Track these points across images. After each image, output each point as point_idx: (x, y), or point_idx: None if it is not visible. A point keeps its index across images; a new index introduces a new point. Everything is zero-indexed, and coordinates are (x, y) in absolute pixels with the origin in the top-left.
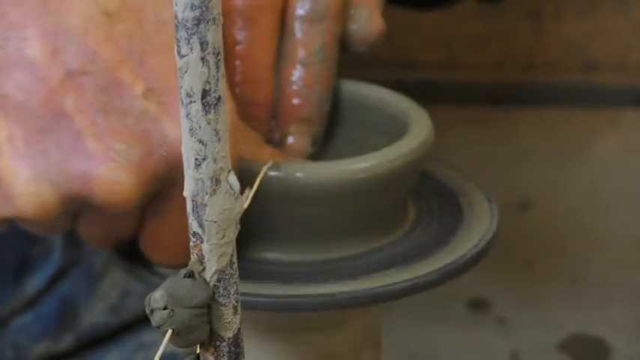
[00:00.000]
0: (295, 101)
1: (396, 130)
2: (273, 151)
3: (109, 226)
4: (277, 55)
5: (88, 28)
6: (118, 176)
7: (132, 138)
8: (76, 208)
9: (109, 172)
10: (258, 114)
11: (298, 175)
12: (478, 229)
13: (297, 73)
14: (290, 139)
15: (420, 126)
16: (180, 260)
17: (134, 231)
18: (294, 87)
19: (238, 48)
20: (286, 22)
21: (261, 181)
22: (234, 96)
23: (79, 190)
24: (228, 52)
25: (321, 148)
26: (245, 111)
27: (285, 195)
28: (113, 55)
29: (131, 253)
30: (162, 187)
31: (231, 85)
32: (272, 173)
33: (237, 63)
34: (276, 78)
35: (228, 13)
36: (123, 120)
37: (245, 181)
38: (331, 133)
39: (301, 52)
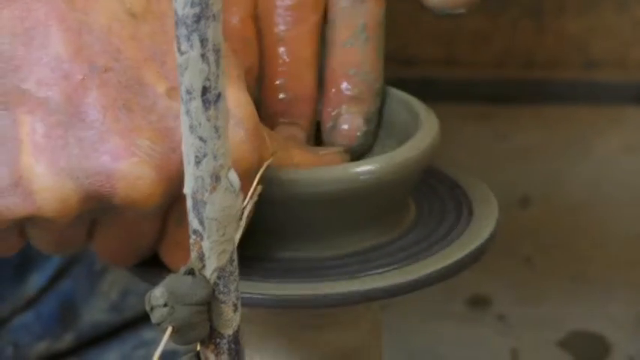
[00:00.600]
0: (343, 82)
1: (403, 126)
2: (302, 151)
3: (128, 236)
4: (320, 48)
5: (113, 26)
6: (141, 172)
7: (155, 135)
8: (96, 208)
9: (132, 167)
10: (301, 111)
11: (304, 179)
12: (478, 226)
13: (341, 55)
14: (342, 120)
15: (428, 127)
16: None
17: (154, 243)
18: (340, 68)
19: (281, 45)
20: (329, 12)
21: (267, 180)
22: (276, 93)
23: (100, 186)
24: (271, 50)
25: (375, 131)
26: (288, 108)
27: (290, 198)
28: (137, 53)
29: None
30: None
31: (273, 82)
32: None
33: (280, 61)
34: (320, 68)
35: (269, 11)
36: (146, 117)
37: (271, 188)
38: None
39: (344, 34)
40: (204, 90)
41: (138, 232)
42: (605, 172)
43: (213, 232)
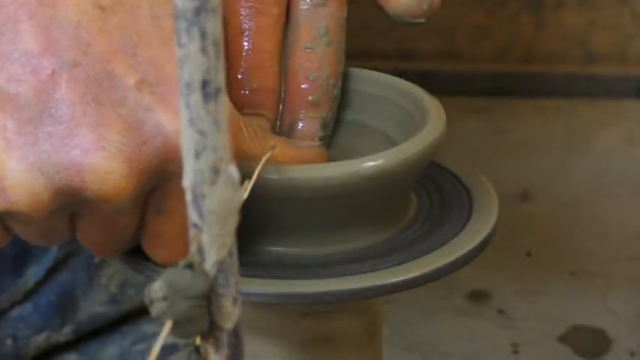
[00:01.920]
0: (302, 85)
1: (408, 118)
2: (279, 141)
3: (108, 228)
4: (282, 43)
5: (82, 20)
6: (110, 165)
7: (125, 128)
8: (70, 203)
9: (101, 161)
10: (265, 102)
11: (305, 177)
12: (479, 221)
13: (302, 57)
14: (300, 124)
15: (435, 122)
16: (182, 254)
17: (135, 233)
18: (301, 71)
19: (244, 37)
20: (291, 10)
21: (261, 176)
22: (240, 85)
23: (70, 181)
24: (234, 42)
25: (332, 134)
26: (252, 99)
27: (289, 196)
28: (106, 46)
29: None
30: (159, 182)
31: (236, 73)
32: (272, 176)
33: (243, 52)
34: (282, 65)
35: (232, 3)
36: (116, 110)
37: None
38: (341, 119)
39: (306, 36)
40: (204, 83)
41: (117, 225)
42: (606, 166)
43: (212, 225)
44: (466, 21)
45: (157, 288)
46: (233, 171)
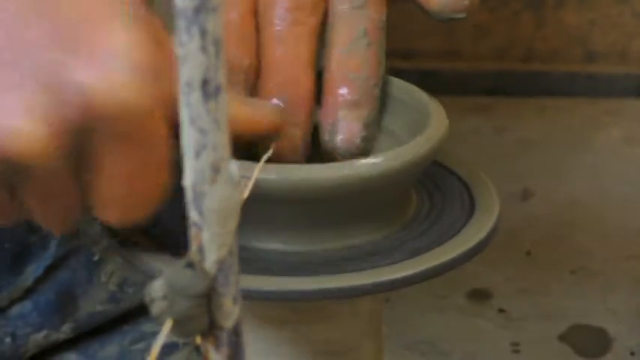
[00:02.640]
0: (342, 86)
1: (414, 117)
2: (238, 103)
3: (49, 197)
4: (320, 45)
5: None
6: (30, 127)
7: (43, 89)
8: None
9: (21, 123)
10: (299, 113)
11: (302, 178)
12: (480, 220)
13: (341, 59)
14: (341, 125)
15: (437, 124)
16: (135, 213)
17: (79, 199)
18: (340, 72)
19: (279, 47)
20: (329, 14)
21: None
22: (273, 96)
23: None
24: (268, 52)
25: (375, 136)
26: (286, 111)
27: (287, 197)
28: (20, 7)
29: (130, 243)
30: (83, 139)
31: (270, 84)
32: (271, 177)
33: (278, 63)
34: (317, 70)
35: (267, 11)
36: (33, 71)
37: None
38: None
39: (345, 38)
40: (205, 82)
41: (56, 191)
42: (606, 165)
43: (212, 224)
44: (467, 19)
45: (157, 287)
46: (233, 169)
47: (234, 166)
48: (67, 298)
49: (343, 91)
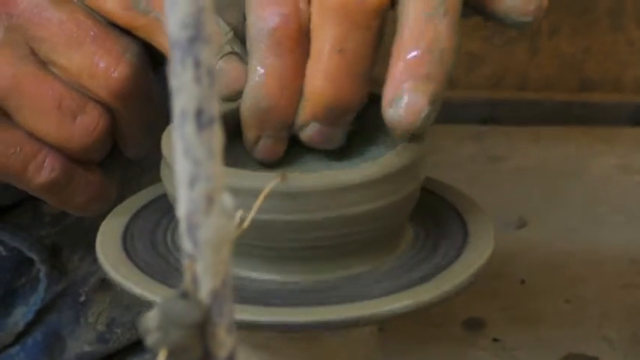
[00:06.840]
0: (413, 54)
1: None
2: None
3: None
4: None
5: None
6: None
7: None
8: None
9: None
10: (346, 119)
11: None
12: (475, 250)
13: (417, 27)
14: (405, 97)
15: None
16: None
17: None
18: (413, 41)
19: (337, 57)
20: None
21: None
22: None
23: None
24: (325, 60)
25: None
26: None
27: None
28: None
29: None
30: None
31: (324, 95)
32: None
33: (333, 73)
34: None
35: (322, 16)
36: None
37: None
38: None
39: (421, 5)
40: (198, 113)
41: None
42: (601, 194)
43: (207, 254)
44: (461, 48)
45: (151, 317)
46: (227, 200)
47: (228, 197)
48: (54, 340)
49: (412, 59)
